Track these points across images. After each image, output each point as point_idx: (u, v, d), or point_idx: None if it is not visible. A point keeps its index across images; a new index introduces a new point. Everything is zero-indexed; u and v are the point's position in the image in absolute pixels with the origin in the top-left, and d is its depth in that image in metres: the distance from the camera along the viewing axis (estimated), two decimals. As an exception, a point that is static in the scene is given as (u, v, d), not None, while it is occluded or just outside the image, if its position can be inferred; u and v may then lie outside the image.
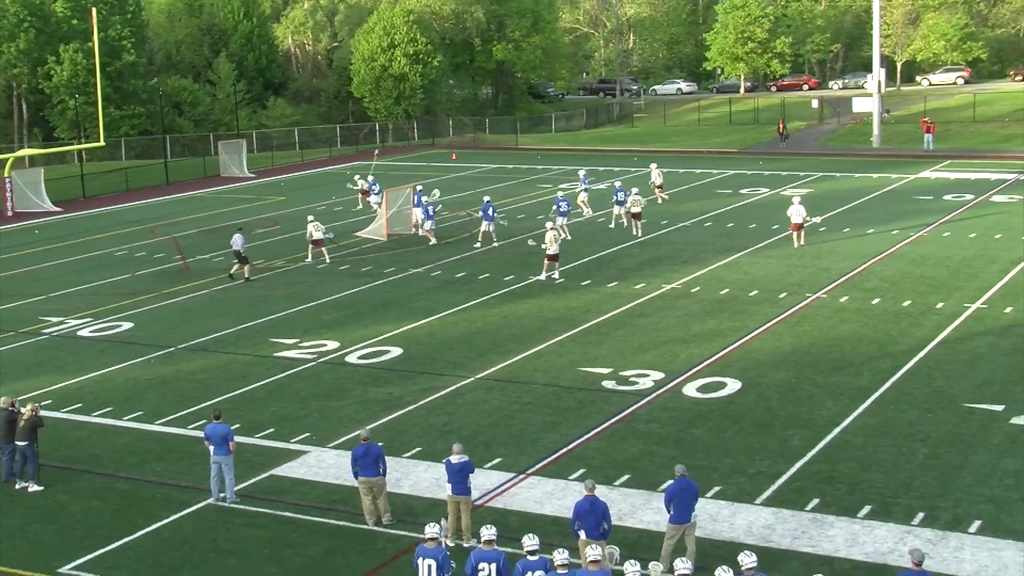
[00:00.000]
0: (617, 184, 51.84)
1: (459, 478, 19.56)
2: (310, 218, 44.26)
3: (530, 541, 15.70)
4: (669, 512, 18.26)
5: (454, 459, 19.66)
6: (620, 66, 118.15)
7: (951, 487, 21.21)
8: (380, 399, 27.32)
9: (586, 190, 52.94)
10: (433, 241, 45.84)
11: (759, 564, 15.26)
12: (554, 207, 47.19)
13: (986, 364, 28.49)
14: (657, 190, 55.38)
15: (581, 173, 56.29)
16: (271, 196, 62.05)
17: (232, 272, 41.31)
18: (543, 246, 39.23)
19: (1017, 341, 30.30)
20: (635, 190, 48.62)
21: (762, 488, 21.43)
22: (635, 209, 47.23)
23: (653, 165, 58.22)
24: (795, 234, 43.22)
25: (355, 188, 57.30)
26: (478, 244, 44.85)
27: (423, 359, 30.53)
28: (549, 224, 41.47)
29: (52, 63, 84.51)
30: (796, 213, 43.19)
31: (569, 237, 44.79)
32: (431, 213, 46.51)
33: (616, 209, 48.74)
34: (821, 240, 44.24)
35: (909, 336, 31.13)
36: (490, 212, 45.09)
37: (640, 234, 46.40)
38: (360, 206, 55.92)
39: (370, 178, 56.53)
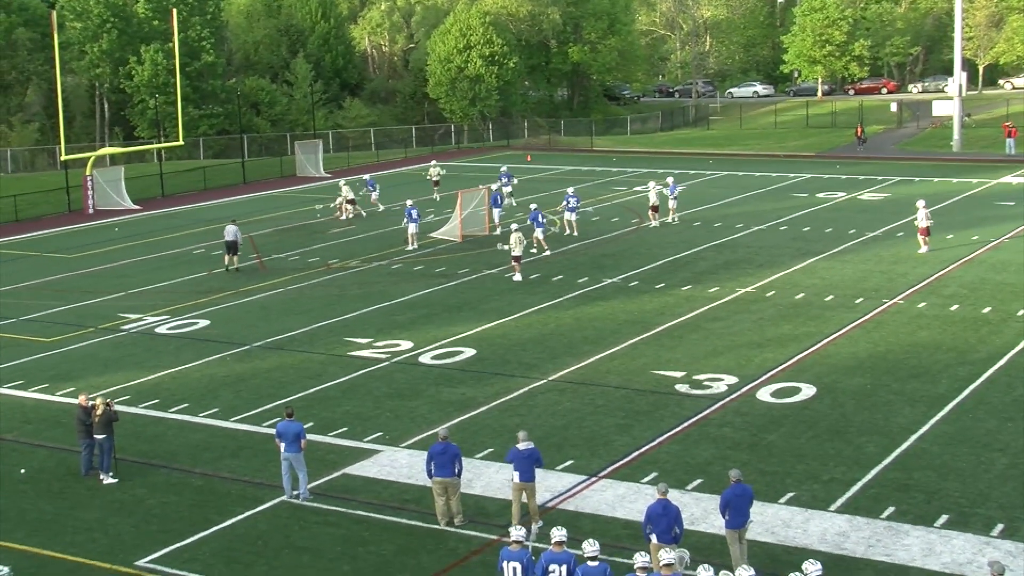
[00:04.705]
0: (670, 180, 51.63)
1: (527, 464, 19.76)
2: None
3: (590, 547, 15.75)
4: (725, 518, 18.20)
5: (521, 446, 19.86)
6: (696, 68, 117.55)
7: (1031, 498, 20.86)
8: (453, 400, 27.40)
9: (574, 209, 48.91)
10: (412, 246, 46.21)
11: (831, 572, 15.10)
12: (530, 219, 45.46)
13: (1068, 373, 27.99)
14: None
15: (569, 190, 50.35)
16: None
17: (227, 265, 43.02)
18: (507, 247, 40.24)
19: (1100, 350, 29.74)
20: (652, 184, 51.84)
21: (836, 495, 21.22)
22: (654, 201, 49.98)
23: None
24: (921, 238, 42.83)
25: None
26: (533, 250, 44.26)
27: (496, 360, 30.58)
28: (515, 226, 42.00)
29: (133, 63, 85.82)
30: (923, 217, 42.76)
31: (548, 249, 44.09)
32: (415, 216, 46.50)
33: (671, 204, 51.07)
34: (899, 245, 43.70)
35: (989, 343, 30.65)
36: (539, 219, 44.47)
37: (656, 224, 49.38)
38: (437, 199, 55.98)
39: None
